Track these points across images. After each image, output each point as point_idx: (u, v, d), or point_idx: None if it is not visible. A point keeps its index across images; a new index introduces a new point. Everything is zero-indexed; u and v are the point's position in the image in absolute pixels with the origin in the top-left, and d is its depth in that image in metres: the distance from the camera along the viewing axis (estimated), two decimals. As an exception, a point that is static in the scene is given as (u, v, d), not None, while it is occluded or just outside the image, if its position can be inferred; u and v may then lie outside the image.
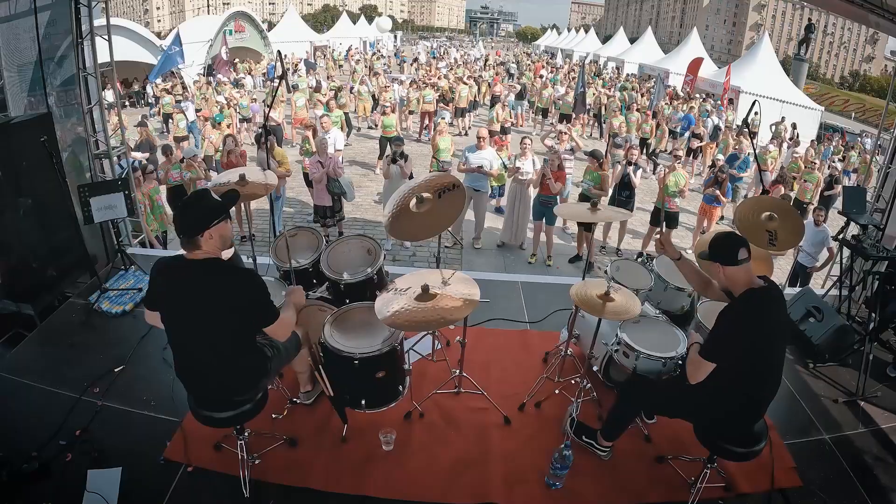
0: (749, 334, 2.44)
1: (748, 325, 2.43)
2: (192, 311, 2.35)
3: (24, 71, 4.73)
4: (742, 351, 2.45)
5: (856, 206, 5.10)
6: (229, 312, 2.34)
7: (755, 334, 2.44)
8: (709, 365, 2.48)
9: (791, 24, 65.75)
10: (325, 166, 6.67)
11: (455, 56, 33.16)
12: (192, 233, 2.28)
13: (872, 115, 34.36)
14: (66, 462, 2.99)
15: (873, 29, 6.50)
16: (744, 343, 2.44)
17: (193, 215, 2.32)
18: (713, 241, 2.58)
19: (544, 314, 4.67)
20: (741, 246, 2.46)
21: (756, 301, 2.46)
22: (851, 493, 3.12)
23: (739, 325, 2.45)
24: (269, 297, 2.43)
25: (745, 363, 2.47)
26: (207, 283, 2.32)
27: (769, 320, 2.47)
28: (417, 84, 16.01)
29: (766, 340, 2.48)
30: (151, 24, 56.00)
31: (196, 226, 2.28)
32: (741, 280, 2.48)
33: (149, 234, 6.45)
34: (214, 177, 4.16)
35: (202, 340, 2.37)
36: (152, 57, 18.00)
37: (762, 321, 2.44)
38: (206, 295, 2.32)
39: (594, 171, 6.78)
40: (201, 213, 2.32)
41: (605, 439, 3.14)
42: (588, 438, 3.20)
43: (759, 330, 2.44)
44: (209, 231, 2.29)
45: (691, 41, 26.87)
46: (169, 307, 2.40)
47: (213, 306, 2.32)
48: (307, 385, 3.43)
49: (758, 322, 2.44)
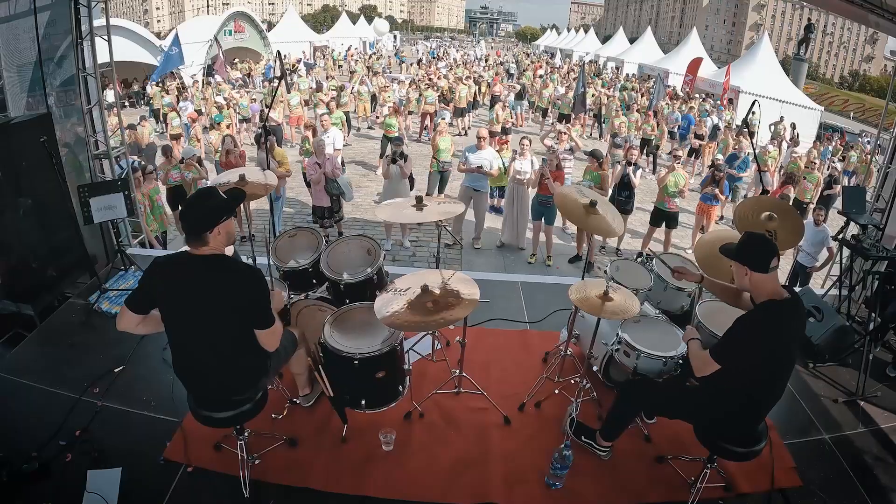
0: (765, 344, 2.39)
1: (765, 336, 2.38)
2: (194, 308, 2.35)
3: (24, 71, 4.72)
4: (753, 359, 2.42)
5: (855, 206, 5.10)
6: (231, 311, 2.34)
7: (771, 345, 2.39)
8: (716, 364, 2.46)
9: (791, 24, 65.73)
10: (322, 167, 6.67)
11: (455, 56, 33.17)
12: (200, 229, 2.30)
13: (872, 115, 34.37)
14: (66, 462, 2.99)
15: (873, 29, 6.51)
16: (758, 351, 2.40)
17: (202, 212, 2.34)
18: (747, 242, 2.45)
19: (544, 314, 4.68)
20: (774, 255, 2.36)
21: (776, 311, 2.37)
22: (851, 493, 3.12)
23: (756, 335, 2.38)
24: (269, 301, 2.42)
25: (753, 370, 2.44)
26: (210, 279, 2.32)
27: (787, 333, 2.40)
28: (417, 84, 16.01)
29: (780, 352, 2.43)
30: (151, 24, 55.98)
31: (205, 222, 2.30)
32: (767, 289, 2.40)
33: (148, 235, 6.45)
34: (214, 177, 4.17)
35: (203, 339, 2.37)
36: (152, 57, 18.00)
37: (780, 334, 2.38)
38: (209, 291, 2.32)
39: (594, 171, 6.78)
40: (210, 209, 2.34)
41: (604, 439, 3.14)
42: (587, 438, 3.20)
43: (774, 341, 2.38)
44: (218, 227, 2.32)
45: (691, 41, 26.87)
46: (169, 306, 2.40)
47: (215, 303, 2.33)
48: (305, 388, 3.41)
49: (775, 334, 2.38)
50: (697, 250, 3.68)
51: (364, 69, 22.18)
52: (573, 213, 3.45)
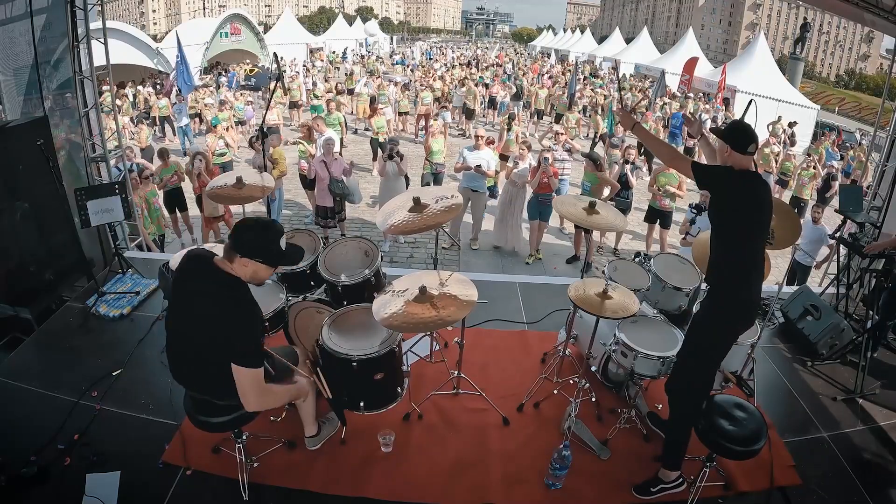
0: (738, 186, 2.62)
1: (738, 182, 2.61)
2: (187, 307, 2.37)
3: (21, 74, 4.72)
4: (725, 190, 2.63)
5: (852, 204, 5.12)
6: (214, 333, 2.28)
7: (744, 195, 2.61)
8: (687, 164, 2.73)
9: (787, 23, 65.91)
10: (328, 167, 6.65)
11: (451, 56, 33.18)
12: (236, 247, 2.26)
13: (868, 114, 34.44)
14: (64, 466, 2.98)
15: (869, 27, 6.53)
16: (726, 183, 2.62)
17: (249, 237, 2.28)
18: (733, 126, 2.76)
19: (542, 315, 4.68)
20: (753, 142, 2.64)
21: (750, 176, 2.66)
22: (850, 491, 3.13)
23: (729, 174, 2.63)
24: (252, 346, 2.30)
25: (740, 232, 2.61)
26: (210, 290, 2.29)
27: (758, 196, 2.64)
28: (414, 87, 16.01)
29: (756, 211, 2.63)
30: (147, 26, 55.93)
31: (243, 247, 2.26)
32: (742, 167, 2.65)
33: (146, 238, 6.44)
34: (210, 181, 4.16)
35: (189, 341, 2.38)
36: (148, 60, 17.98)
37: (753, 192, 2.63)
38: (204, 301, 2.30)
39: (591, 173, 6.79)
40: (256, 242, 2.28)
41: (669, 470, 2.99)
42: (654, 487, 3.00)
43: (748, 194, 2.61)
44: (249, 260, 2.27)
45: (687, 41, 26.93)
46: (174, 293, 2.46)
47: (204, 316, 2.30)
48: (311, 427, 3.12)
49: (749, 190, 2.62)
50: (695, 249, 3.69)
51: (363, 69, 22.15)
52: (575, 214, 3.47)
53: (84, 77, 5.23)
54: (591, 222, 3.47)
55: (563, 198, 3.97)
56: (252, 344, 2.30)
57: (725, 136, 2.68)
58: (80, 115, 5.24)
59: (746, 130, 2.68)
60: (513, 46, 72.29)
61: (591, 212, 3.45)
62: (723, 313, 2.70)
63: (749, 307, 2.73)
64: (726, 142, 2.66)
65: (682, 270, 3.88)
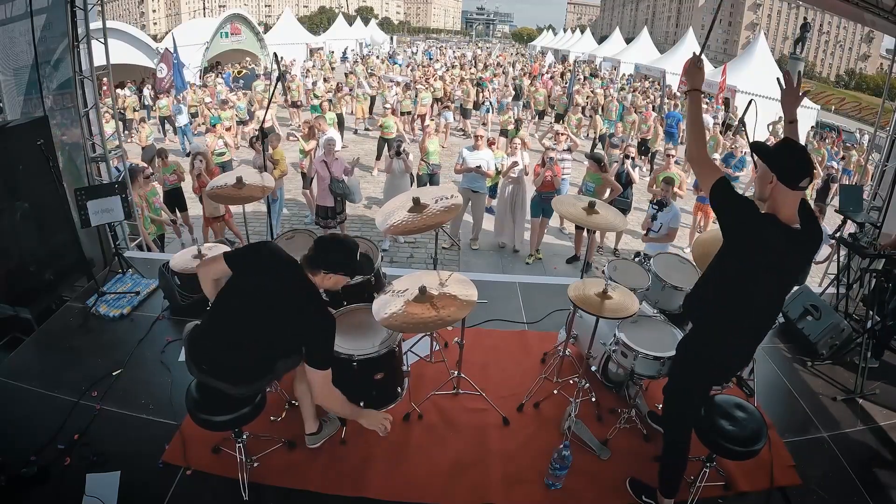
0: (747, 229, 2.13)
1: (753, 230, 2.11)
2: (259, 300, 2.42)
3: (21, 74, 4.72)
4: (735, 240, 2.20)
5: (852, 205, 5.12)
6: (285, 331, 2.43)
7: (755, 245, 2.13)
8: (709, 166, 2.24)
9: (787, 23, 65.97)
10: (329, 166, 6.65)
11: (450, 56, 33.15)
12: (317, 262, 2.43)
13: (868, 114, 34.48)
14: (64, 466, 2.99)
15: (869, 27, 6.52)
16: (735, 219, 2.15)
17: (327, 252, 2.45)
18: (783, 147, 2.18)
19: (542, 315, 4.68)
20: (809, 173, 2.08)
21: (778, 226, 2.09)
22: (850, 491, 3.13)
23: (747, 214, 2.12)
24: (330, 354, 2.50)
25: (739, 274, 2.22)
26: (296, 295, 2.43)
27: (775, 249, 2.14)
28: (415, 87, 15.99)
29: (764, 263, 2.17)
30: (147, 26, 55.97)
31: (328, 263, 2.44)
32: (784, 206, 2.10)
33: (146, 238, 6.43)
34: (210, 181, 4.16)
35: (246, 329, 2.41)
36: (148, 60, 17.93)
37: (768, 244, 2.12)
38: (287, 302, 2.42)
39: (595, 174, 6.79)
40: (337, 257, 2.46)
41: (665, 496, 2.90)
42: (648, 498, 2.96)
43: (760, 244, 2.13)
44: (328, 274, 2.45)
45: (687, 41, 26.85)
46: (242, 280, 2.50)
47: (281, 315, 2.41)
48: (312, 425, 3.16)
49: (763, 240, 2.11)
50: (695, 249, 3.69)
51: (363, 70, 22.14)
52: (574, 214, 3.47)
53: (84, 77, 5.23)
54: (590, 222, 3.48)
55: (563, 198, 3.97)
56: (330, 352, 2.51)
57: (771, 162, 2.09)
58: (80, 115, 5.24)
59: (803, 158, 2.09)
60: (513, 46, 72.29)
61: (590, 212, 3.46)
62: (692, 364, 2.53)
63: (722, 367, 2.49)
64: (772, 169, 2.08)
65: (682, 270, 3.87)
